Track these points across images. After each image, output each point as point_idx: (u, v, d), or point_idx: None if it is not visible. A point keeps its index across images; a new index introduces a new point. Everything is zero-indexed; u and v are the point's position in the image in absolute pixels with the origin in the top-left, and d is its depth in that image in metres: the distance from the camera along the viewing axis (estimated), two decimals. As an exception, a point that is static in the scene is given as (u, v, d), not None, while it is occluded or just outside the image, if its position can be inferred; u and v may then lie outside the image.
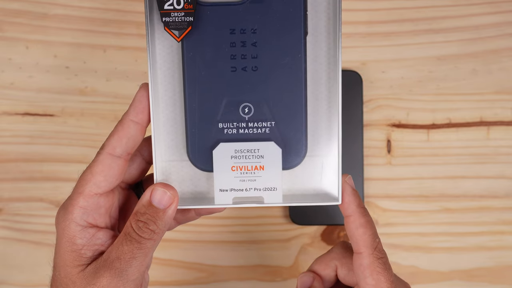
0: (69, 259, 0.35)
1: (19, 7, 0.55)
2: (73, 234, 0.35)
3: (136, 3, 0.55)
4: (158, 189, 0.35)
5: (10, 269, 0.55)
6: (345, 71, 0.55)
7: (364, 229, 0.37)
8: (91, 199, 0.36)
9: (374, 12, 0.55)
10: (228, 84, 0.36)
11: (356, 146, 0.54)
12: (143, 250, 0.34)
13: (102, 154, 0.36)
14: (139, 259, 0.34)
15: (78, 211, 0.35)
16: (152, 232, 0.34)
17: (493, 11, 0.55)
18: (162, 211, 0.35)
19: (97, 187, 0.36)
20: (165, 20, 0.35)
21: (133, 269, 0.34)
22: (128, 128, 0.36)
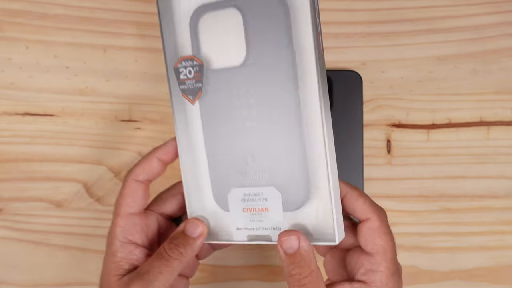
0: (110, 269, 0.42)
1: (19, 7, 0.55)
2: (115, 249, 0.42)
3: (136, 3, 0.55)
4: (193, 221, 0.42)
5: (10, 269, 0.55)
6: (345, 71, 0.55)
7: (363, 198, 0.42)
8: (127, 219, 0.43)
9: (374, 12, 0.55)
10: (234, 138, 0.42)
11: (356, 146, 0.54)
12: (169, 268, 0.40)
13: (128, 180, 0.43)
14: (165, 274, 0.40)
15: (119, 229, 0.43)
16: (180, 254, 0.41)
17: (493, 11, 0.55)
18: (192, 239, 0.42)
19: (129, 208, 0.43)
20: (182, 88, 0.43)
21: (159, 282, 0.40)
22: (152, 162, 0.44)
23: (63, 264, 0.55)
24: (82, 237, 0.55)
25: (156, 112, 0.55)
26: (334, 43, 0.55)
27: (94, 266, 0.55)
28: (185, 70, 0.42)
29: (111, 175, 0.55)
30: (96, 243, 0.55)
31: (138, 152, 0.55)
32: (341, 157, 0.54)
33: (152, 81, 0.55)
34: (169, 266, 0.41)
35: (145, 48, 0.55)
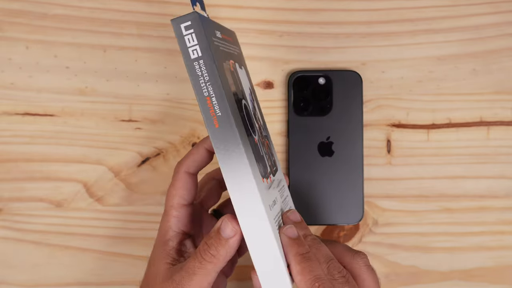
0: (161, 256, 0.43)
1: (19, 7, 0.55)
2: (169, 238, 0.43)
3: (136, 3, 0.55)
4: (225, 220, 0.40)
5: (10, 269, 0.55)
6: (345, 71, 0.55)
7: (300, 276, 0.39)
8: (181, 209, 0.44)
9: (374, 12, 0.55)
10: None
11: (356, 146, 0.54)
12: (203, 270, 0.40)
13: (180, 172, 0.44)
14: (199, 276, 0.40)
15: (174, 220, 0.43)
16: (212, 256, 0.40)
17: (493, 11, 0.55)
18: (225, 239, 0.40)
19: (183, 199, 0.44)
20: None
21: (194, 282, 0.40)
22: (201, 153, 0.44)
23: (63, 264, 0.55)
24: (82, 237, 0.55)
25: (156, 112, 0.55)
26: (334, 43, 0.55)
27: (94, 266, 0.55)
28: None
29: (111, 175, 0.55)
30: (96, 243, 0.55)
31: (138, 152, 0.55)
32: (341, 157, 0.54)
33: (152, 81, 0.55)
34: (203, 268, 0.40)
35: (145, 48, 0.55)
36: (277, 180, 0.44)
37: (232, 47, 0.44)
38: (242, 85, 0.43)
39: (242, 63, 0.46)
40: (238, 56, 0.45)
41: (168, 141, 0.55)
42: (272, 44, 0.55)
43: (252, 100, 0.45)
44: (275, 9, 0.55)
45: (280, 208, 0.43)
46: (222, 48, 0.41)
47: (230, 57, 0.42)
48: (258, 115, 0.45)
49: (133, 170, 0.55)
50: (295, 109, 0.54)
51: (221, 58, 0.39)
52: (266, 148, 0.44)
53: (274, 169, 0.45)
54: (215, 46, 0.39)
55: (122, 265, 0.55)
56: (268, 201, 0.39)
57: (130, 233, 0.55)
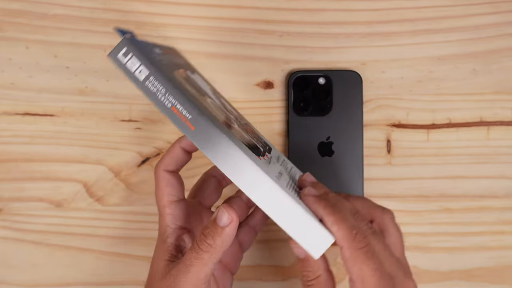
0: (160, 254, 0.43)
1: (19, 7, 0.55)
2: (167, 235, 0.43)
3: (136, 3, 0.55)
4: (221, 208, 0.40)
5: (10, 269, 0.55)
6: (345, 71, 0.55)
7: (337, 226, 0.40)
8: (173, 206, 0.44)
9: (374, 12, 0.55)
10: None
11: (356, 146, 0.54)
12: (200, 260, 0.40)
13: (159, 171, 0.44)
14: (197, 267, 0.40)
15: (169, 217, 0.44)
16: (209, 246, 0.40)
17: (493, 11, 0.55)
18: (221, 228, 0.40)
19: (171, 196, 0.44)
20: None
21: (191, 274, 0.40)
22: (177, 152, 0.45)
23: (63, 264, 0.55)
24: (82, 237, 0.55)
25: (156, 112, 0.55)
26: (334, 43, 0.55)
27: (94, 266, 0.55)
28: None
29: (111, 175, 0.55)
30: (96, 243, 0.55)
31: (138, 152, 0.55)
32: (341, 157, 0.54)
33: (152, 81, 0.55)
34: (199, 258, 0.40)
35: (145, 48, 0.55)
36: (275, 157, 0.46)
37: (176, 59, 0.46)
38: (201, 86, 0.46)
39: (193, 70, 0.48)
40: (187, 65, 0.48)
41: (168, 141, 0.55)
42: (272, 44, 0.55)
43: (217, 97, 0.47)
44: (275, 9, 0.55)
45: (289, 178, 0.44)
46: (166, 61, 0.43)
47: (178, 67, 0.44)
48: (229, 108, 0.48)
49: (133, 170, 0.55)
50: (295, 109, 0.54)
51: (169, 69, 0.41)
52: (251, 133, 0.46)
53: (267, 148, 0.46)
54: (158, 60, 0.40)
55: (122, 265, 0.55)
56: (274, 173, 0.41)
57: (130, 233, 0.55)
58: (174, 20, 0.55)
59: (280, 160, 0.47)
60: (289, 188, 0.42)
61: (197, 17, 0.55)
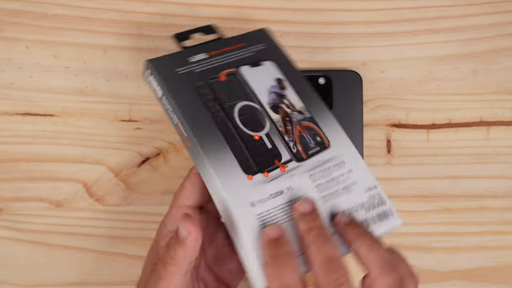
0: (150, 257, 0.42)
1: (19, 7, 0.55)
2: (160, 237, 0.42)
3: (136, 3, 0.55)
4: (182, 220, 0.39)
5: (10, 269, 0.55)
6: (345, 71, 0.55)
7: (267, 282, 0.37)
8: (181, 209, 0.43)
9: (374, 12, 0.55)
10: None
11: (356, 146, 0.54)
12: (166, 273, 0.39)
13: (191, 173, 0.44)
14: (165, 280, 0.39)
15: (169, 218, 0.43)
16: (171, 258, 0.39)
17: (493, 11, 0.55)
18: (181, 239, 0.39)
19: (186, 200, 0.43)
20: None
21: (161, 287, 0.39)
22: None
23: (63, 264, 0.55)
24: (82, 237, 0.55)
25: (156, 112, 0.55)
26: (334, 43, 0.55)
27: (94, 266, 0.55)
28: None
29: (111, 175, 0.55)
30: (96, 243, 0.55)
31: (138, 152, 0.55)
32: (341, 157, 0.54)
33: (152, 81, 0.55)
34: (166, 271, 0.39)
35: (145, 48, 0.55)
36: (309, 164, 0.44)
37: (230, 55, 0.48)
38: (250, 85, 0.47)
39: (264, 58, 0.48)
40: (246, 58, 0.48)
41: (168, 141, 0.55)
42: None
43: (275, 92, 0.47)
44: (275, 9, 0.55)
45: (299, 194, 0.42)
46: (201, 68, 0.46)
47: (223, 68, 0.47)
48: (290, 102, 0.47)
49: (133, 170, 0.55)
50: (295, 109, 0.54)
51: (190, 81, 0.45)
52: (297, 133, 0.45)
53: (315, 148, 0.45)
54: (181, 76, 0.46)
55: (121, 265, 0.55)
56: (255, 196, 0.41)
57: (129, 233, 0.55)
58: (174, 20, 0.55)
59: (323, 166, 0.44)
60: (281, 211, 0.41)
61: (197, 17, 0.55)
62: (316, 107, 0.47)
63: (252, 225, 0.40)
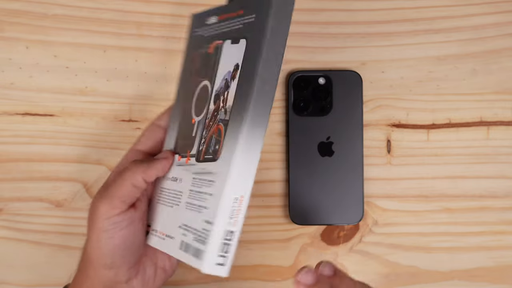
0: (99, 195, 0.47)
1: (19, 7, 0.55)
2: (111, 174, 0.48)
3: (136, 3, 0.55)
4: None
5: (10, 269, 0.55)
6: (345, 71, 0.55)
7: None
8: (135, 153, 0.48)
9: (374, 12, 0.55)
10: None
11: (356, 146, 0.54)
12: (120, 176, 0.44)
13: (151, 123, 0.48)
14: (117, 182, 0.44)
15: (123, 160, 0.48)
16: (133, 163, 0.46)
17: (493, 11, 0.55)
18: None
19: (141, 145, 0.48)
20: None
21: (112, 188, 0.45)
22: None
23: (63, 264, 0.55)
24: (82, 237, 0.55)
25: (156, 112, 0.55)
26: (334, 43, 0.55)
27: (94, 266, 0.55)
28: None
29: (111, 175, 0.55)
30: (96, 243, 0.55)
31: (138, 152, 0.55)
32: (341, 157, 0.54)
33: (152, 81, 0.55)
34: (120, 174, 0.44)
35: (145, 48, 0.55)
36: (197, 167, 0.42)
37: (228, 23, 0.43)
38: (220, 64, 0.43)
39: (244, 35, 0.41)
40: (233, 31, 0.42)
41: (168, 141, 0.55)
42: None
43: (228, 79, 0.42)
44: (275, 9, 0.55)
45: (182, 191, 0.43)
46: (211, 33, 0.45)
47: (220, 37, 0.43)
48: (227, 97, 0.42)
49: (133, 170, 0.55)
50: (295, 109, 0.54)
51: (197, 46, 0.46)
52: (211, 133, 0.42)
53: (207, 156, 0.42)
54: (195, 37, 0.47)
55: (122, 265, 0.55)
56: (170, 172, 0.45)
57: (130, 233, 0.55)
58: (174, 20, 0.55)
59: (201, 176, 0.42)
60: (169, 195, 0.45)
61: (197, 17, 0.55)
62: (239, 113, 0.39)
63: (155, 193, 0.47)
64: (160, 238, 0.45)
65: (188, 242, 0.41)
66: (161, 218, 0.46)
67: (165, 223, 0.45)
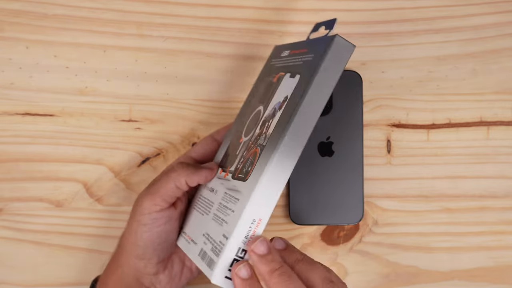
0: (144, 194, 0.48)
1: (19, 7, 0.55)
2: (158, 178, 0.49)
3: (136, 3, 0.55)
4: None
5: (10, 269, 0.55)
6: (345, 71, 0.55)
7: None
8: (187, 158, 0.50)
9: (374, 12, 0.55)
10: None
11: (356, 146, 0.54)
12: (166, 175, 0.47)
13: (207, 136, 0.51)
14: (161, 181, 0.47)
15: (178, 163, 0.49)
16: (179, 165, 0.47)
17: (493, 11, 0.55)
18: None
19: (195, 154, 0.50)
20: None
21: (155, 186, 0.47)
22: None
23: (63, 264, 0.55)
24: (82, 237, 0.55)
25: (156, 112, 0.55)
26: (334, 43, 0.55)
27: (94, 266, 0.55)
28: None
29: (111, 175, 0.55)
30: (96, 243, 0.55)
31: (138, 152, 0.55)
32: (341, 157, 0.54)
33: (152, 81, 0.55)
34: (166, 174, 0.47)
35: (145, 48, 0.55)
36: (230, 184, 0.45)
37: (294, 58, 0.46)
38: (275, 93, 0.46)
39: (300, 71, 0.45)
40: (294, 66, 0.46)
41: (168, 141, 0.55)
42: (272, 44, 0.55)
43: (276, 108, 0.45)
44: (275, 9, 0.55)
45: (214, 202, 0.46)
46: (280, 64, 0.48)
47: (284, 70, 0.46)
48: (270, 124, 0.44)
49: (133, 170, 0.55)
50: (295, 109, 0.54)
51: (267, 74, 0.49)
52: (249, 155, 0.44)
53: (240, 175, 0.44)
54: (269, 66, 0.50)
55: (122, 265, 0.55)
56: (212, 184, 0.48)
57: (130, 233, 0.55)
58: (174, 20, 0.55)
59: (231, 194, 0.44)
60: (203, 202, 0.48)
61: (197, 17, 0.55)
62: (274, 142, 0.42)
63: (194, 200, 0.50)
64: (187, 241, 0.47)
65: (206, 250, 0.44)
66: (192, 223, 0.48)
67: (193, 229, 0.47)
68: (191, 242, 0.46)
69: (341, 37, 0.42)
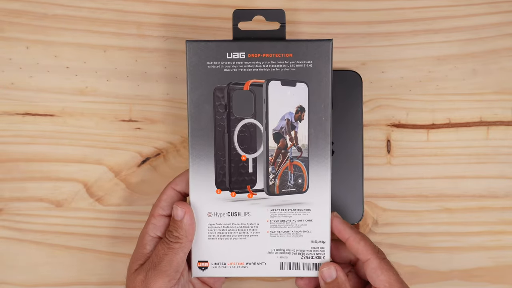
0: (136, 258, 0.48)
1: (19, 7, 0.55)
2: (146, 242, 0.48)
3: (136, 3, 0.55)
4: (175, 206, 0.47)
5: (10, 269, 0.55)
6: (345, 71, 0.55)
7: (364, 241, 0.47)
8: (158, 218, 0.49)
9: (374, 12, 0.55)
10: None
11: (356, 146, 0.54)
12: (172, 250, 0.46)
13: (167, 187, 0.49)
14: (169, 256, 0.46)
15: (151, 226, 0.49)
16: (176, 237, 0.47)
17: (493, 11, 0.55)
18: (180, 221, 0.47)
19: (162, 210, 0.49)
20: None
21: (164, 263, 0.46)
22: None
23: (63, 264, 0.55)
24: (82, 237, 0.55)
25: (156, 112, 0.55)
26: (334, 43, 0.55)
27: (94, 266, 0.55)
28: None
29: (111, 175, 0.55)
30: (96, 243, 0.55)
31: (138, 152, 0.55)
32: (341, 157, 0.54)
33: (152, 81, 0.55)
34: (171, 248, 0.46)
35: (145, 48, 0.55)
36: (275, 200, 0.47)
37: (269, 63, 0.46)
38: (268, 104, 0.45)
39: (301, 78, 0.46)
40: (282, 72, 0.46)
41: (168, 141, 0.55)
42: (272, 44, 0.55)
43: (288, 119, 0.46)
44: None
45: (257, 222, 0.47)
46: (232, 69, 0.46)
47: (252, 76, 0.45)
48: (296, 136, 0.46)
49: (133, 170, 0.55)
50: (295, 109, 0.54)
51: (218, 80, 0.46)
52: (284, 168, 0.46)
53: (289, 189, 0.47)
54: (208, 70, 0.46)
55: (122, 265, 0.55)
56: (214, 208, 0.47)
57: (130, 233, 0.55)
58: (174, 20, 0.55)
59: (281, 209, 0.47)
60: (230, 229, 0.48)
61: (197, 17, 0.55)
62: (319, 150, 0.46)
63: (201, 230, 0.48)
64: (232, 268, 0.48)
65: (293, 261, 0.48)
66: (225, 251, 0.48)
67: (238, 254, 0.48)
68: (249, 265, 0.48)
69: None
